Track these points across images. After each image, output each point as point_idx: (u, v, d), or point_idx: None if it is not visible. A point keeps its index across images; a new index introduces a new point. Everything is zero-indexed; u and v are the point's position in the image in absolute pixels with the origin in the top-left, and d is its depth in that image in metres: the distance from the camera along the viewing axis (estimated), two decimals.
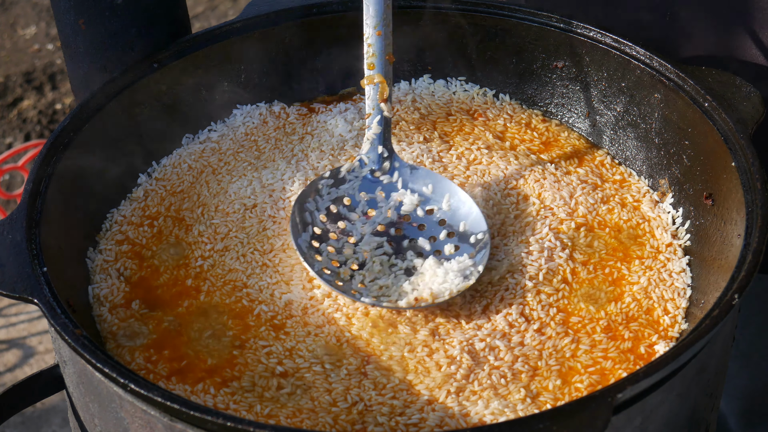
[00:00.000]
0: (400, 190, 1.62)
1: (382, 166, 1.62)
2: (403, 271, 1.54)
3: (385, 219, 1.59)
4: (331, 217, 1.59)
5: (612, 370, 1.45)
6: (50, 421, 2.70)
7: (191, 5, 4.04)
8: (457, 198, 1.60)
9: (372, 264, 1.54)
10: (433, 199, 1.61)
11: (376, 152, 1.62)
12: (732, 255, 1.45)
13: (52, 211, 1.52)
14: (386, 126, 1.62)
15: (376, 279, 1.53)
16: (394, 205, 1.60)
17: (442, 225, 1.59)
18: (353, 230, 1.58)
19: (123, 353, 1.49)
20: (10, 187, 3.28)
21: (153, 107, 1.77)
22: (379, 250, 1.56)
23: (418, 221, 1.60)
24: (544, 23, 1.82)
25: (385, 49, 1.59)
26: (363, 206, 1.61)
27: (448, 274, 1.50)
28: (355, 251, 1.56)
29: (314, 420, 1.39)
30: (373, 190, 1.62)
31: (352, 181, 1.62)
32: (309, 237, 1.56)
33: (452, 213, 1.60)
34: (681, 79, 1.66)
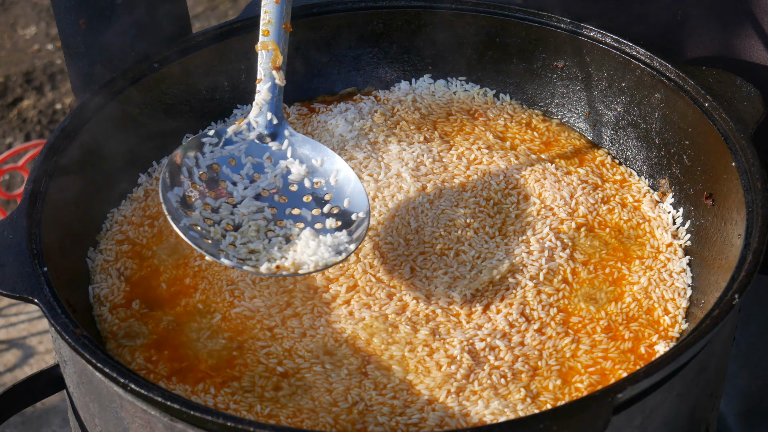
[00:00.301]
0: (289, 159, 1.58)
1: (271, 133, 1.58)
2: (279, 238, 1.50)
3: (270, 185, 1.55)
4: (211, 175, 1.54)
5: (612, 371, 1.45)
6: (50, 421, 2.70)
7: (191, 5, 4.04)
8: (344, 175, 1.57)
9: (248, 227, 1.50)
10: (321, 172, 1.57)
11: (265, 118, 1.58)
12: (732, 255, 1.45)
13: (52, 211, 1.52)
14: (278, 93, 1.58)
15: (248, 242, 1.49)
16: (281, 172, 1.56)
17: (327, 199, 1.55)
18: (235, 191, 1.54)
19: (123, 353, 1.49)
20: (10, 187, 3.28)
21: (153, 107, 1.77)
22: (258, 214, 1.53)
23: (304, 192, 1.56)
24: (544, 23, 1.82)
25: (282, 17, 1.57)
26: (248, 169, 1.56)
27: (320, 246, 1.47)
28: (233, 212, 1.52)
29: (314, 420, 1.39)
30: (261, 155, 1.58)
31: (238, 143, 1.57)
32: (182, 192, 1.51)
33: (338, 189, 1.56)
34: (681, 79, 1.66)
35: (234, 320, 1.52)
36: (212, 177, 1.54)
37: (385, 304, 1.52)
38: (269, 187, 1.56)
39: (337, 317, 1.51)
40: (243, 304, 1.53)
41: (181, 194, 1.51)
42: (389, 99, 1.87)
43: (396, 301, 1.53)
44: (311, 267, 1.45)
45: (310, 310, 1.52)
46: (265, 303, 1.53)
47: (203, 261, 1.60)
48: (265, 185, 1.56)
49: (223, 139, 1.57)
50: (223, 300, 1.54)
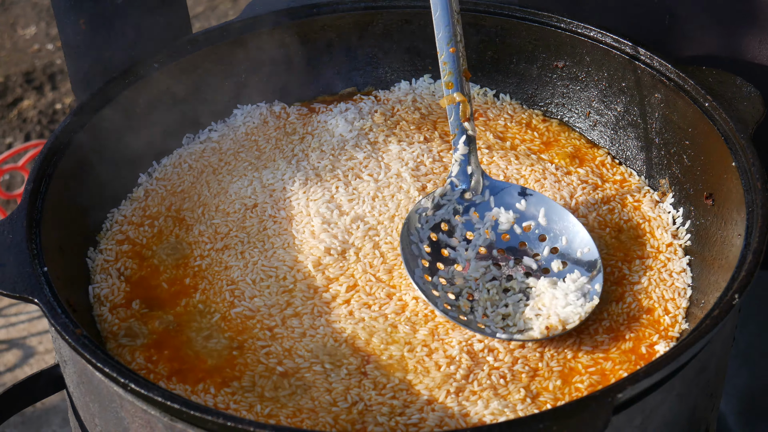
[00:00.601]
0: (494, 209, 1.58)
1: (471, 186, 1.58)
2: (518, 294, 1.51)
3: (485, 240, 1.56)
4: (433, 246, 1.56)
5: (612, 371, 1.45)
6: (50, 421, 2.70)
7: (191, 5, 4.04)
8: (552, 211, 1.57)
9: (486, 292, 1.51)
10: (527, 213, 1.58)
11: (465, 173, 1.58)
12: (732, 255, 1.45)
13: (52, 211, 1.52)
14: (471, 145, 1.58)
15: (494, 308, 1.50)
16: (490, 224, 1.57)
17: (542, 240, 1.55)
18: (458, 257, 1.55)
19: (123, 353, 1.49)
20: (10, 187, 3.28)
21: (153, 107, 1.77)
22: (488, 275, 1.53)
23: (518, 239, 1.56)
24: (544, 23, 1.82)
25: (460, 65, 1.56)
26: (461, 230, 1.57)
27: (567, 295, 1.47)
28: (466, 279, 1.53)
29: (314, 420, 1.39)
30: (468, 212, 1.58)
31: (446, 206, 1.58)
32: (421, 272, 1.52)
33: (549, 228, 1.56)
34: (681, 79, 1.66)
35: (234, 320, 1.52)
36: (434, 247, 1.55)
37: (384, 303, 1.52)
38: (484, 243, 1.55)
39: (337, 317, 1.51)
40: (243, 304, 1.53)
41: (421, 274, 1.52)
42: (389, 99, 1.87)
43: (396, 301, 1.53)
44: (575, 320, 1.45)
45: (310, 310, 1.52)
46: (265, 303, 1.53)
47: (203, 261, 1.60)
48: (480, 243, 1.55)
49: (434, 203, 1.57)
50: (223, 300, 1.54)
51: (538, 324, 1.45)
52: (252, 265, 1.58)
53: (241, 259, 1.59)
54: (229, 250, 1.61)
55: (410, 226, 1.56)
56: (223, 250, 1.61)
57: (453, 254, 1.55)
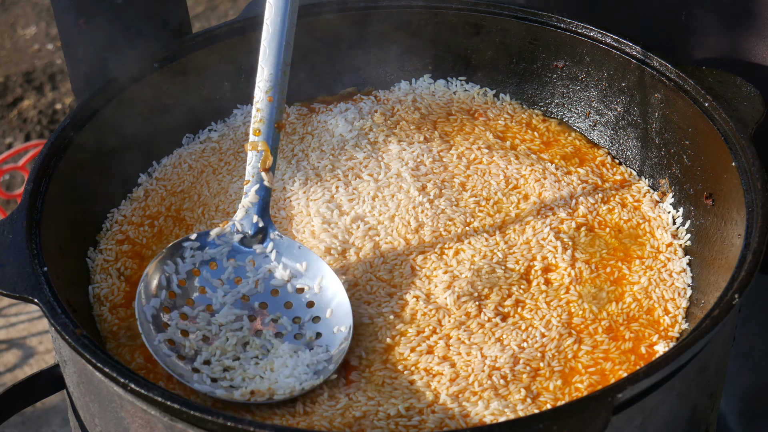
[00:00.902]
0: (273, 263, 1.51)
1: (256, 236, 1.52)
2: (256, 351, 1.43)
3: (252, 290, 1.49)
4: (191, 282, 1.49)
5: (612, 371, 1.45)
6: (50, 421, 2.70)
7: (191, 5, 4.04)
8: (328, 282, 1.50)
9: (224, 341, 1.44)
10: (305, 277, 1.51)
11: (250, 220, 1.52)
12: (732, 255, 1.45)
13: (52, 211, 1.52)
14: (266, 196, 1.52)
15: (223, 358, 1.42)
16: (263, 276, 1.50)
17: (309, 307, 1.49)
18: (214, 299, 1.48)
19: (123, 353, 1.49)
20: (10, 187, 3.28)
21: (153, 107, 1.77)
22: (237, 323, 1.46)
23: (286, 298, 1.49)
24: (544, 23, 1.82)
25: (275, 116, 1.52)
26: (229, 273, 1.50)
27: (297, 366, 1.41)
28: (210, 322, 1.45)
29: (312, 421, 1.38)
30: (244, 258, 1.51)
31: (220, 246, 1.51)
32: (158, 303, 1.45)
33: (321, 297, 1.49)
34: (681, 79, 1.66)
35: None
36: (192, 284, 1.49)
37: (385, 302, 1.52)
38: (250, 292, 1.49)
39: None
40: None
41: (158, 305, 1.45)
42: (389, 99, 1.87)
43: (396, 300, 1.52)
44: (287, 393, 1.38)
45: None
46: None
47: None
48: (245, 291, 1.49)
49: (204, 241, 1.51)
50: None
51: (248, 385, 1.39)
52: None
53: None
54: None
55: (167, 257, 1.49)
56: None
57: (210, 295, 1.48)
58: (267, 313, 1.48)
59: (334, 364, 1.42)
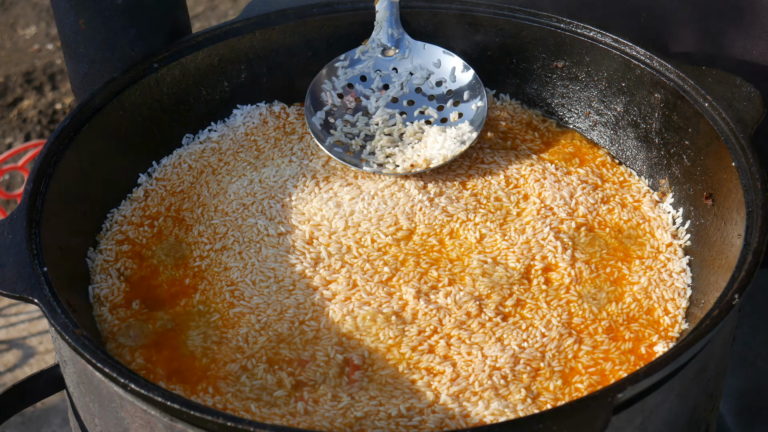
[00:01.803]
0: (412, 65, 1.78)
1: (393, 46, 1.79)
2: (412, 138, 1.70)
3: (399, 92, 1.76)
4: (347, 94, 1.76)
5: (612, 371, 1.45)
6: (50, 421, 2.70)
7: (191, 5, 4.04)
8: (460, 69, 1.77)
9: (381, 135, 1.71)
10: (440, 72, 1.77)
11: (386, 33, 1.79)
12: (732, 255, 1.45)
13: (52, 211, 1.52)
14: (395, 9, 1.79)
15: (384, 147, 1.70)
16: (406, 79, 1.77)
17: (449, 95, 1.76)
18: (369, 105, 1.75)
19: (123, 353, 1.49)
20: (10, 187, 3.28)
21: (153, 107, 1.77)
22: (391, 120, 1.73)
23: (429, 93, 1.77)
24: (544, 23, 1.82)
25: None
26: (378, 83, 1.77)
27: (446, 140, 1.68)
28: (368, 123, 1.73)
29: (312, 421, 1.38)
30: (387, 67, 1.78)
31: (366, 61, 1.78)
32: (324, 114, 1.73)
33: (456, 84, 1.77)
34: (681, 79, 1.66)
35: (233, 320, 1.52)
36: (348, 95, 1.76)
37: (385, 302, 1.52)
38: (398, 94, 1.76)
39: (337, 316, 1.51)
40: (242, 304, 1.53)
41: (324, 116, 1.74)
42: None
43: (396, 300, 1.53)
44: (440, 160, 1.66)
45: (310, 310, 1.52)
46: (265, 302, 1.53)
47: (203, 261, 1.60)
48: (394, 93, 1.76)
49: (353, 59, 1.79)
50: (223, 300, 1.54)
51: (407, 161, 1.67)
52: (251, 266, 1.58)
53: (241, 260, 1.59)
54: (228, 251, 1.61)
55: (323, 77, 1.77)
56: (222, 251, 1.61)
57: (365, 102, 1.77)
58: (415, 108, 1.76)
59: (477, 131, 1.71)
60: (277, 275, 1.57)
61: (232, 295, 1.55)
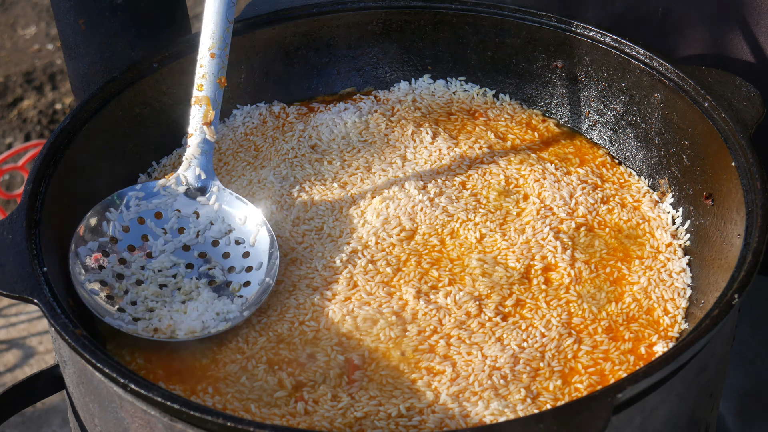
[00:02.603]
0: (215, 215, 1.59)
1: (200, 188, 1.60)
2: (184, 295, 1.51)
3: (193, 240, 1.57)
4: (135, 229, 1.56)
5: (612, 371, 1.45)
6: (50, 421, 2.70)
7: (191, 5, 4.04)
8: (262, 236, 1.57)
9: (149, 285, 1.52)
10: (243, 231, 1.58)
11: (194, 173, 1.60)
12: (732, 255, 1.45)
13: (52, 211, 1.52)
14: (208, 149, 1.60)
15: (149, 299, 1.50)
16: (204, 227, 1.58)
17: (245, 257, 1.56)
18: (154, 246, 1.56)
19: (123, 353, 1.49)
20: (10, 187, 3.28)
21: (153, 107, 1.77)
22: (173, 269, 1.54)
23: (224, 250, 1.57)
24: (544, 23, 1.82)
25: (217, 72, 1.59)
26: (173, 223, 1.58)
27: (206, 312, 1.48)
28: (145, 267, 1.53)
29: (311, 421, 1.38)
30: (189, 209, 1.59)
31: (165, 197, 1.59)
32: (96, 246, 1.52)
33: (255, 248, 1.56)
34: (681, 79, 1.66)
35: None
36: (135, 231, 1.55)
37: (385, 302, 1.52)
38: (190, 242, 1.56)
39: (337, 316, 1.51)
40: None
41: (95, 248, 1.52)
42: (389, 99, 1.87)
43: (397, 300, 1.53)
44: (183, 333, 1.46)
45: (310, 310, 1.52)
46: (265, 303, 1.53)
47: None
48: (186, 240, 1.56)
49: (150, 192, 1.58)
50: None
51: (155, 324, 1.47)
52: None
53: None
54: None
55: (110, 204, 1.56)
56: None
57: (152, 243, 1.56)
58: (203, 263, 1.55)
59: (247, 312, 1.49)
60: (278, 275, 1.57)
61: None
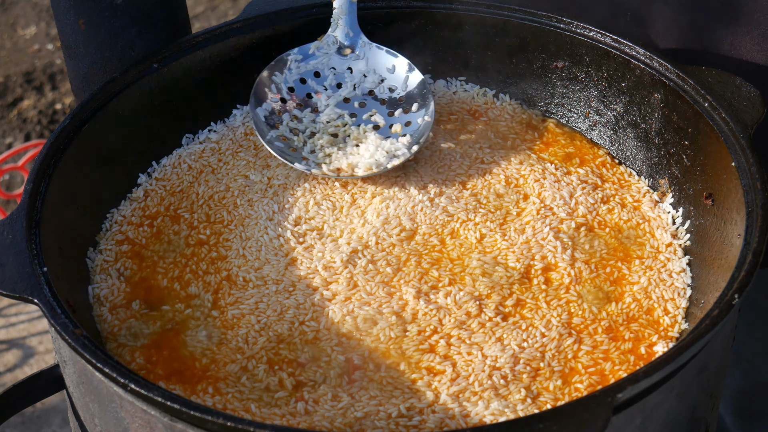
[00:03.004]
0: (367, 67, 1.75)
1: (350, 45, 1.75)
2: (355, 140, 1.68)
3: (351, 93, 1.74)
4: (299, 88, 1.73)
5: (612, 371, 1.45)
6: (50, 421, 2.70)
7: (191, 5, 4.04)
8: (414, 79, 1.74)
9: (323, 134, 1.69)
10: (394, 78, 1.74)
11: (343, 31, 1.75)
12: (732, 255, 1.45)
13: (52, 211, 1.52)
14: (351, 8, 1.76)
15: (325, 147, 1.68)
16: (359, 80, 1.74)
17: (400, 102, 1.73)
18: (319, 102, 1.73)
19: (123, 353, 1.49)
20: (10, 187, 3.28)
21: (153, 107, 1.77)
22: (339, 119, 1.71)
23: (381, 97, 1.74)
24: (544, 23, 1.82)
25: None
26: (331, 80, 1.74)
27: (377, 151, 1.65)
28: (315, 120, 1.71)
29: (311, 421, 1.38)
30: (342, 66, 1.75)
31: (320, 57, 1.75)
32: (270, 107, 1.71)
33: (409, 93, 1.73)
34: (681, 79, 1.66)
35: (233, 321, 1.52)
36: (300, 90, 1.72)
37: (386, 302, 1.52)
38: (350, 95, 1.74)
39: (337, 316, 1.51)
40: (242, 304, 1.53)
41: (269, 109, 1.71)
42: None
43: (397, 300, 1.53)
44: (364, 169, 1.64)
45: (310, 310, 1.52)
46: (265, 303, 1.53)
47: (203, 262, 1.60)
48: (346, 93, 1.74)
49: (307, 54, 1.75)
50: (223, 301, 1.54)
51: (335, 164, 1.66)
52: (251, 266, 1.58)
53: (241, 260, 1.59)
54: (229, 251, 1.61)
55: (274, 69, 1.73)
56: (222, 251, 1.61)
57: (316, 99, 1.74)
58: (365, 111, 1.73)
59: (415, 147, 1.67)
60: (277, 276, 1.57)
61: (232, 295, 1.55)
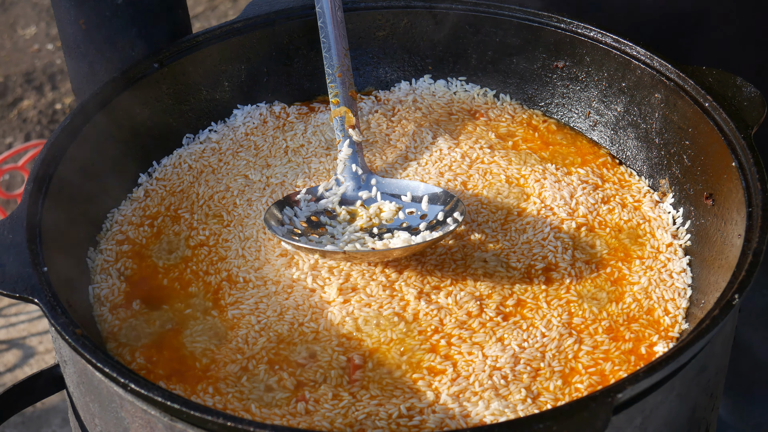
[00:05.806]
0: (380, 201, 1.66)
1: (359, 185, 1.67)
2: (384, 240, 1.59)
3: (368, 223, 1.63)
4: (311, 224, 1.63)
5: (612, 371, 1.45)
6: (50, 421, 2.70)
7: (191, 5, 4.04)
8: (432, 194, 1.64)
9: (347, 243, 1.59)
10: (410, 204, 1.64)
11: (350, 171, 1.68)
12: (732, 255, 1.45)
13: (52, 211, 1.52)
14: (357, 149, 1.69)
15: (352, 232, 1.60)
16: (375, 212, 1.65)
17: (422, 219, 1.63)
18: (335, 231, 1.62)
19: (123, 353, 1.49)
20: (10, 187, 3.29)
21: (153, 107, 1.77)
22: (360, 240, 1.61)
23: (400, 222, 1.63)
24: (544, 23, 1.82)
25: (347, 88, 1.72)
26: (344, 216, 1.64)
27: (411, 238, 1.56)
28: (335, 236, 1.61)
29: (312, 421, 1.38)
30: (354, 203, 1.66)
31: (330, 197, 1.66)
32: (284, 230, 1.60)
33: (431, 208, 1.63)
34: (681, 79, 1.66)
35: (233, 321, 1.52)
36: (312, 225, 1.63)
37: (387, 302, 1.52)
38: (367, 224, 1.63)
39: (337, 317, 1.51)
40: (242, 304, 1.53)
41: (284, 231, 1.60)
42: (389, 99, 1.87)
43: (398, 301, 1.53)
44: (398, 244, 1.54)
45: (310, 311, 1.52)
46: (265, 303, 1.53)
47: (203, 262, 1.60)
48: (362, 223, 1.63)
49: (316, 195, 1.66)
50: (223, 301, 1.54)
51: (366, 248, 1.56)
52: (251, 267, 1.58)
53: (241, 261, 1.59)
54: (229, 252, 1.61)
55: (284, 204, 1.64)
56: (222, 251, 1.61)
57: (331, 230, 1.63)
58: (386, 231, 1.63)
59: (437, 233, 1.56)
60: (277, 276, 1.57)
61: (232, 295, 1.55)
